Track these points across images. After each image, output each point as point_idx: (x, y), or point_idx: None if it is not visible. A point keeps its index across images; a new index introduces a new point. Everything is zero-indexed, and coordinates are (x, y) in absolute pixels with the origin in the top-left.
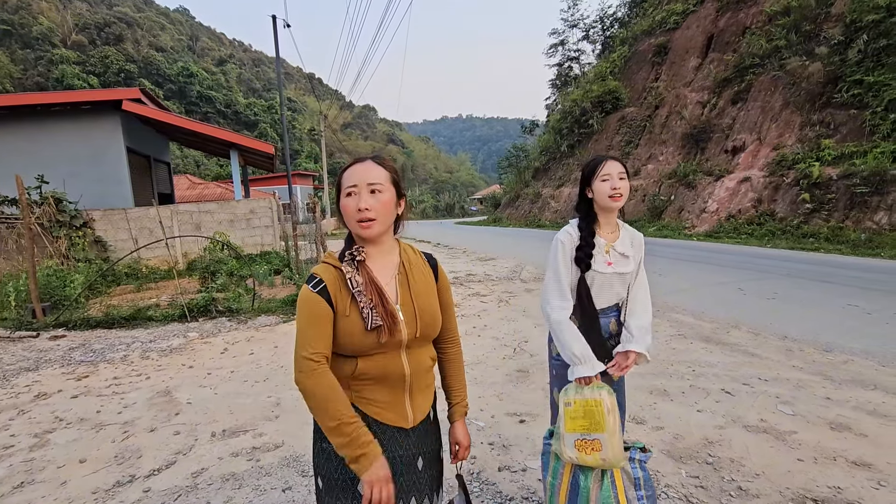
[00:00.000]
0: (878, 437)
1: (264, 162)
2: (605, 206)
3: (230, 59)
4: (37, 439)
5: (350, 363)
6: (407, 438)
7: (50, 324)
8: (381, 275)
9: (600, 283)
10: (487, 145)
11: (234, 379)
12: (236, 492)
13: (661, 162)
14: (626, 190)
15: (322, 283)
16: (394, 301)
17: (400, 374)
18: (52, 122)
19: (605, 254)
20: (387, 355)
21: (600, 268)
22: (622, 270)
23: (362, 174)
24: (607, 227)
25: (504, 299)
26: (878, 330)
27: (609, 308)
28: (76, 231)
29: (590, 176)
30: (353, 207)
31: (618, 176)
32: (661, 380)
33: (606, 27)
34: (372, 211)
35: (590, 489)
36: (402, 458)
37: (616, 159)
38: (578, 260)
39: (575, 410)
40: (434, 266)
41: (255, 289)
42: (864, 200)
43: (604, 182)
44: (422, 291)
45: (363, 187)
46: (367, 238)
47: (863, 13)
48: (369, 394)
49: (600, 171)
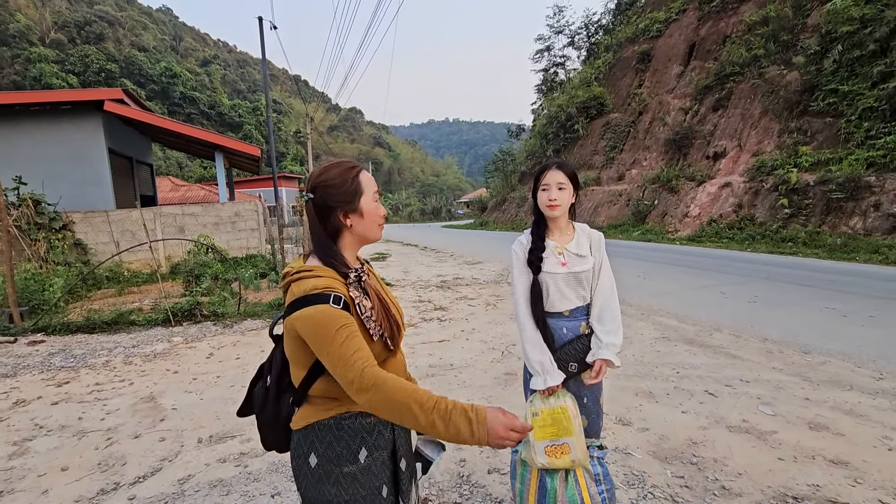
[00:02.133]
0: (855, 436)
1: (250, 164)
2: (545, 214)
3: (214, 60)
4: (16, 447)
5: None
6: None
7: (28, 328)
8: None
9: (557, 285)
10: (474, 149)
11: (220, 384)
12: (224, 498)
13: (645, 167)
14: (565, 198)
15: (342, 299)
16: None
17: (403, 369)
18: (30, 122)
19: (557, 255)
20: (396, 352)
21: (553, 269)
22: (578, 269)
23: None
24: (557, 230)
25: (492, 303)
26: (854, 332)
27: (576, 310)
28: (55, 234)
29: (535, 184)
30: (381, 212)
31: (556, 186)
32: (647, 381)
33: (591, 34)
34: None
35: (556, 490)
36: (409, 444)
37: (560, 167)
38: (530, 262)
39: (543, 419)
40: None
41: (241, 292)
42: (839, 206)
43: (543, 192)
44: None
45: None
46: (378, 239)
47: (837, 24)
48: None
49: (542, 180)
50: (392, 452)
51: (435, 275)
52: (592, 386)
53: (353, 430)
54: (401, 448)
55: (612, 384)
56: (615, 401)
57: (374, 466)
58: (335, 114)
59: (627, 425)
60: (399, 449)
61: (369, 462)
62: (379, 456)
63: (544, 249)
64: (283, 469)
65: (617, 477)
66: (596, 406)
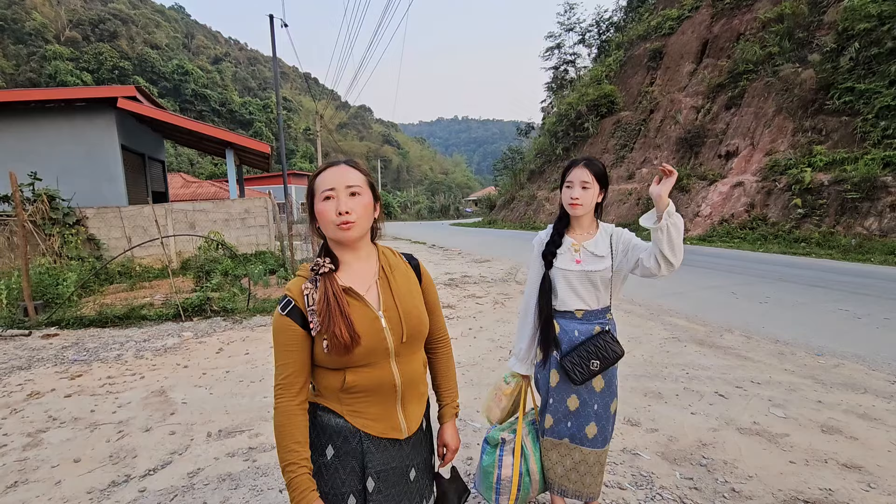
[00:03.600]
0: (869, 440)
1: (260, 161)
2: (568, 212)
3: (225, 58)
4: (30, 438)
5: (338, 377)
6: (401, 450)
7: (42, 322)
8: (359, 282)
9: (569, 282)
10: (483, 147)
11: (229, 379)
12: (233, 492)
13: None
14: (588, 198)
15: (291, 303)
16: (376, 308)
17: (391, 385)
18: (45, 119)
19: (573, 252)
20: (375, 366)
21: (566, 265)
22: (592, 268)
23: (339, 177)
24: (579, 228)
25: (499, 301)
26: (867, 334)
27: (590, 313)
28: (69, 229)
29: (561, 180)
30: (331, 211)
31: (580, 184)
32: (656, 382)
33: (602, 31)
34: (353, 213)
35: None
36: (394, 469)
37: (587, 165)
38: (543, 256)
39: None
40: (416, 267)
41: (250, 289)
42: (854, 206)
43: (566, 189)
44: (405, 294)
45: (341, 190)
46: (348, 241)
47: (855, 22)
48: (360, 407)
49: (567, 176)
50: (362, 467)
51: (443, 272)
52: (603, 393)
53: (321, 424)
54: (371, 466)
55: (621, 384)
56: (624, 402)
57: (341, 470)
58: (344, 112)
59: (636, 426)
60: (368, 465)
61: (336, 463)
62: (348, 462)
63: (560, 245)
64: None
65: (625, 478)
66: (606, 412)
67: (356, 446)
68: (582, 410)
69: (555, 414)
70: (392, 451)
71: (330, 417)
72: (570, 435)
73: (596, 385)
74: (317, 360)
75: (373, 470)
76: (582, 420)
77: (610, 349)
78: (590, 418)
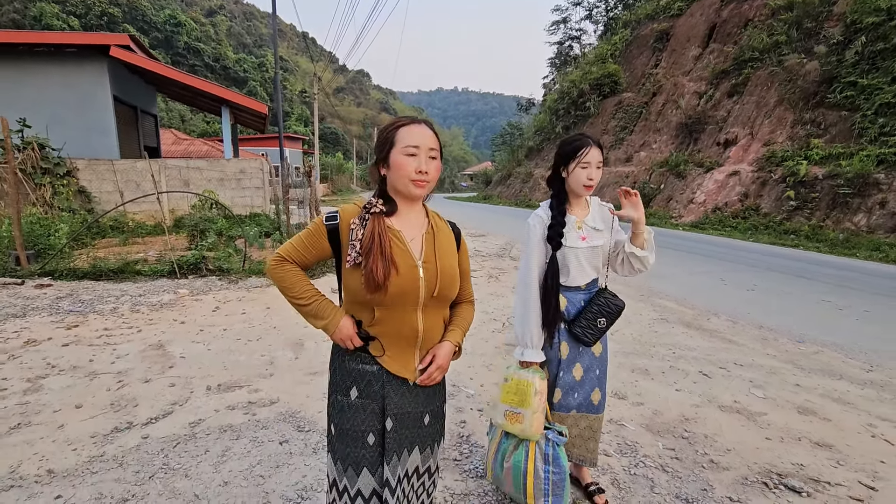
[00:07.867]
0: (841, 422)
1: (255, 121)
2: (576, 192)
3: (220, 11)
4: (30, 384)
5: (368, 311)
6: (417, 396)
7: (35, 272)
8: (409, 231)
9: (577, 259)
10: (482, 121)
11: (226, 336)
12: (234, 442)
13: (654, 150)
14: (598, 178)
15: (336, 221)
16: (417, 257)
17: (413, 331)
18: (34, 64)
19: (577, 230)
20: (404, 310)
21: (574, 243)
22: (596, 243)
23: (424, 138)
24: (577, 205)
25: (494, 275)
26: (847, 325)
27: (592, 283)
28: (60, 179)
29: (569, 157)
30: (412, 167)
31: (596, 165)
32: (643, 360)
33: (610, 8)
34: (429, 175)
35: (509, 450)
36: (410, 414)
37: (598, 145)
38: (550, 238)
39: (510, 387)
40: (458, 234)
41: (246, 250)
42: (845, 201)
43: (583, 169)
44: (445, 253)
45: (424, 150)
46: (416, 198)
47: (863, 14)
48: (384, 340)
49: (582, 156)
50: (382, 409)
51: None
52: (601, 357)
53: (347, 368)
54: (390, 408)
55: (610, 360)
56: (612, 376)
57: (363, 410)
58: (342, 75)
59: (623, 399)
60: (388, 407)
61: (358, 402)
62: (369, 404)
63: (565, 225)
64: (290, 419)
65: (610, 446)
66: (604, 377)
67: (378, 389)
68: (586, 377)
69: (563, 387)
70: (409, 397)
71: (357, 363)
72: (577, 405)
73: (595, 350)
74: (352, 294)
75: (391, 412)
76: (588, 388)
77: (612, 304)
78: (594, 384)
